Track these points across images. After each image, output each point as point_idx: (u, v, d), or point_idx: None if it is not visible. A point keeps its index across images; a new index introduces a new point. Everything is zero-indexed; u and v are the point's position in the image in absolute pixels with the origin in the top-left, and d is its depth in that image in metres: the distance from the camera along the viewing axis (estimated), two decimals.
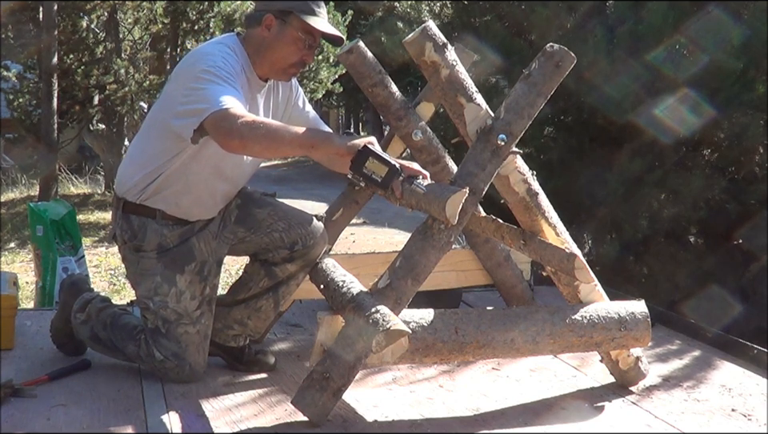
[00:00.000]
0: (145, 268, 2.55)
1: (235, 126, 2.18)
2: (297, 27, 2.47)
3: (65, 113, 11.32)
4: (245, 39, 2.52)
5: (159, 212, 2.53)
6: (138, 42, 12.07)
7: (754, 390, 2.60)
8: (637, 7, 4.15)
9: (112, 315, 2.65)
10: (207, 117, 2.22)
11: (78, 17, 11.15)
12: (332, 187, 4.71)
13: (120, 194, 2.58)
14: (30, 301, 5.03)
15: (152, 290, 2.53)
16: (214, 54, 2.39)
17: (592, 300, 2.48)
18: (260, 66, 2.52)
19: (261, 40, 2.49)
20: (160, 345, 2.53)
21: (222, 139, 2.23)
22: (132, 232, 2.55)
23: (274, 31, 2.48)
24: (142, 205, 2.54)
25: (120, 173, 2.63)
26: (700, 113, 3.87)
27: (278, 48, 2.48)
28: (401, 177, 2.18)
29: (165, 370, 2.53)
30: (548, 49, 2.22)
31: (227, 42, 2.49)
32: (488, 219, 2.66)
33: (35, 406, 2.33)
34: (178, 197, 2.53)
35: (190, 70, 2.39)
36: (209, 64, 2.34)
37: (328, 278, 2.37)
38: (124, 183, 2.57)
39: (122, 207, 2.57)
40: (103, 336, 2.64)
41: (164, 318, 2.53)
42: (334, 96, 17.26)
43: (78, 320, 2.69)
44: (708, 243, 4.44)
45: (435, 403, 2.45)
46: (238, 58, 2.45)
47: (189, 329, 2.54)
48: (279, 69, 2.53)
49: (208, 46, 2.52)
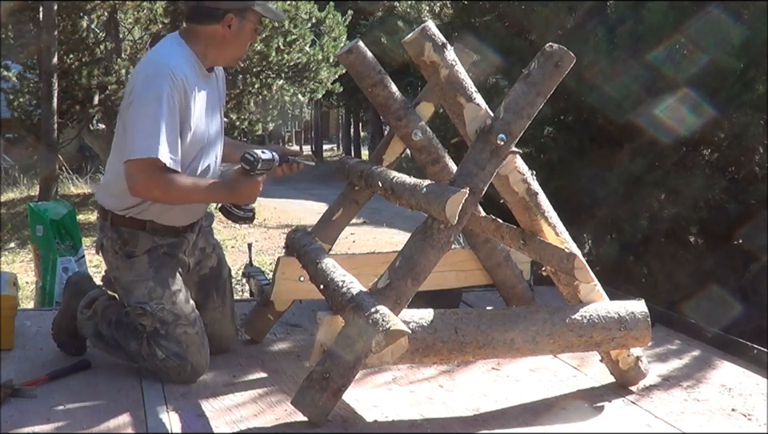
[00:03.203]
0: (138, 274, 2.59)
1: (155, 182, 2.44)
2: (254, 21, 2.63)
3: (65, 113, 11.31)
4: (189, 34, 2.61)
5: (149, 223, 2.61)
6: (138, 42, 12.06)
7: (754, 390, 2.60)
8: (637, 7, 4.14)
9: (117, 314, 2.67)
10: (132, 159, 2.43)
11: (78, 17, 11.14)
12: (332, 187, 4.72)
13: (107, 208, 2.64)
14: (30, 301, 5.04)
15: (146, 295, 2.57)
16: (160, 73, 2.48)
17: (592, 300, 2.48)
18: (212, 60, 2.64)
19: (218, 37, 2.58)
20: (161, 346, 2.54)
21: (135, 185, 2.45)
22: (122, 241, 2.61)
23: (234, 28, 2.59)
24: (131, 218, 2.61)
25: (104, 187, 2.71)
26: (700, 113, 3.86)
27: (237, 43, 2.63)
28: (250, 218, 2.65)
29: (167, 369, 2.54)
30: (547, 49, 2.22)
31: (172, 46, 2.59)
32: (488, 219, 2.66)
33: (35, 406, 2.33)
34: (166, 208, 2.61)
35: (135, 91, 2.50)
36: (152, 89, 2.45)
37: (328, 278, 2.37)
38: (109, 200, 2.65)
39: (110, 219, 2.63)
40: (107, 334, 2.65)
41: (162, 320, 2.55)
42: (334, 96, 17.28)
43: (84, 316, 2.71)
44: (708, 243, 4.43)
45: (435, 403, 2.45)
46: (187, 58, 2.56)
47: (188, 330, 2.56)
48: (233, 60, 2.73)
49: (152, 60, 2.63)
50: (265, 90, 11.71)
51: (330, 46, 11.72)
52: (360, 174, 2.77)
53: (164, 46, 2.63)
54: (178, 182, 2.47)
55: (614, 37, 4.17)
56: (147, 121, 2.42)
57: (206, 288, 2.82)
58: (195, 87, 2.56)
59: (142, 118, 2.44)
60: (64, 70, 10.84)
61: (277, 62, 11.11)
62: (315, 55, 11.62)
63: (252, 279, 3.79)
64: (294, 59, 11.44)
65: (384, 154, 2.91)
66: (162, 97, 2.43)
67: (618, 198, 4.12)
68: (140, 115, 2.45)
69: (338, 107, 26.57)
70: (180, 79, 2.48)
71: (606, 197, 4.13)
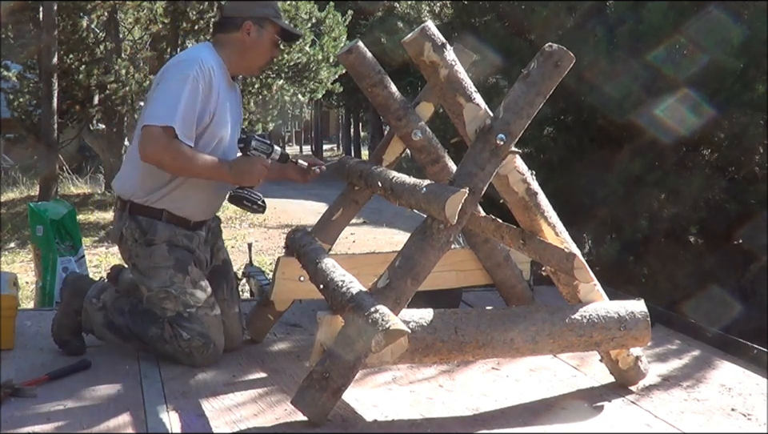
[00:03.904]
0: (158, 261, 2.71)
1: (164, 147, 2.56)
2: (272, 31, 2.80)
3: (65, 113, 11.32)
4: (217, 43, 2.80)
5: (165, 213, 2.72)
6: (138, 42, 12.06)
7: (754, 390, 2.60)
8: (637, 7, 4.14)
9: (130, 303, 2.77)
10: (149, 125, 2.57)
11: (78, 17, 11.14)
12: (332, 187, 4.72)
13: (125, 197, 2.75)
14: (30, 301, 5.04)
15: (168, 280, 2.69)
16: (190, 60, 2.68)
17: (591, 300, 2.48)
18: (235, 66, 2.81)
19: (239, 43, 2.77)
20: (185, 328, 2.66)
21: (146, 148, 2.56)
22: (141, 230, 2.72)
23: (253, 36, 2.77)
24: (149, 207, 2.72)
25: (123, 177, 2.81)
26: (700, 113, 3.86)
27: (256, 50, 2.80)
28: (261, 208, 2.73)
29: (190, 349, 2.66)
30: (547, 48, 2.22)
31: (203, 48, 2.79)
32: (487, 219, 2.66)
33: (35, 406, 2.33)
34: (184, 196, 2.72)
35: (164, 74, 2.69)
36: (180, 71, 2.63)
37: (328, 278, 2.37)
38: (129, 187, 2.75)
39: (128, 209, 2.73)
40: (120, 322, 2.74)
41: (185, 303, 2.68)
42: (334, 96, 17.28)
43: (93, 306, 2.77)
44: (708, 243, 4.43)
45: (435, 403, 2.45)
46: (214, 60, 2.72)
47: (208, 312, 2.70)
48: (255, 67, 2.90)
49: (185, 54, 2.86)
50: (265, 90, 11.72)
51: (330, 46, 11.73)
52: (360, 174, 2.77)
53: (195, 47, 2.89)
54: (186, 151, 2.60)
55: (613, 37, 4.17)
56: (170, 95, 2.59)
57: (218, 279, 2.90)
58: (220, 84, 2.71)
59: (165, 92, 2.62)
60: (64, 70, 10.85)
61: (277, 62, 11.12)
62: (315, 55, 11.63)
63: (252, 279, 3.79)
64: (293, 59, 11.45)
65: (384, 154, 2.91)
66: (188, 79, 2.60)
67: (617, 198, 4.12)
68: (164, 90, 2.63)
69: (338, 107, 26.55)
70: (207, 69, 2.65)
71: (605, 197, 4.13)
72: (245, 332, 2.96)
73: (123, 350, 2.79)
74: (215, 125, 2.70)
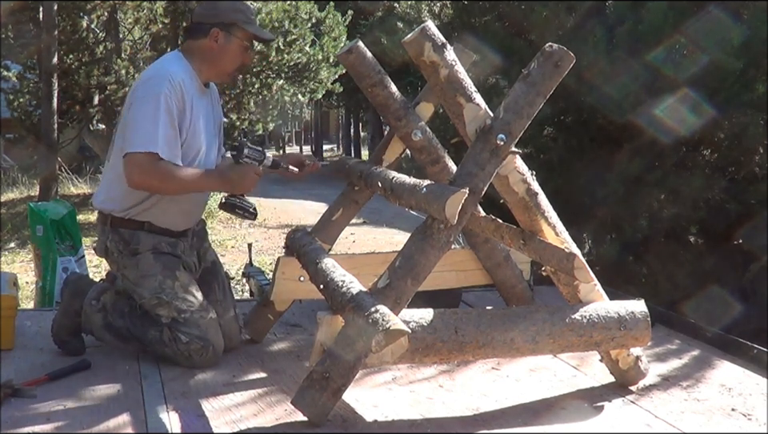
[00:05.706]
0: (145, 269, 2.69)
1: (151, 172, 2.54)
2: (242, 37, 2.76)
3: (65, 113, 11.31)
4: (186, 51, 2.76)
5: (147, 224, 2.72)
6: (138, 42, 12.05)
7: (754, 390, 2.60)
8: (637, 7, 4.14)
9: (129, 305, 2.76)
10: (131, 152, 2.54)
11: (78, 17, 11.14)
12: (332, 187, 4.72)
13: (106, 211, 2.74)
14: (30, 301, 5.03)
15: (157, 287, 2.68)
16: (159, 77, 2.62)
17: (592, 300, 2.48)
18: (206, 74, 2.78)
19: (208, 51, 2.74)
20: (182, 331, 2.65)
21: (133, 177, 2.55)
22: (125, 241, 2.72)
23: (221, 42, 2.73)
24: (130, 219, 2.71)
25: (103, 192, 2.79)
26: (700, 113, 3.86)
27: (225, 57, 2.76)
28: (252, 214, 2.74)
29: (189, 352, 2.65)
30: (547, 49, 2.22)
31: (172, 59, 2.76)
32: (487, 219, 2.66)
33: (35, 406, 2.33)
34: (165, 209, 2.71)
35: (135, 94, 2.65)
36: (151, 90, 2.59)
37: (328, 278, 2.37)
38: (110, 203, 2.74)
39: (109, 222, 2.73)
40: (119, 324, 2.73)
41: (178, 308, 2.67)
42: (334, 96, 17.28)
43: (93, 308, 2.77)
44: (708, 243, 4.43)
45: (435, 403, 2.45)
46: (184, 70, 2.69)
47: (204, 315, 2.69)
48: (225, 74, 2.82)
49: (153, 69, 2.77)
50: (265, 90, 11.71)
51: (330, 46, 11.72)
52: (360, 175, 2.77)
53: (163, 59, 2.83)
54: (174, 172, 2.59)
55: (613, 37, 4.17)
56: (146, 118, 2.56)
57: (209, 281, 2.89)
58: (192, 96, 2.68)
59: (141, 115, 2.58)
60: (64, 70, 10.84)
61: (277, 62, 11.12)
62: (315, 55, 11.62)
63: (252, 279, 3.79)
64: (293, 59, 11.44)
65: (384, 154, 2.91)
66: (160, 97, 2.56)
67: (617, 198, 4.12)
68: (139, 113, 2.59)
69: (338, 107, 26.56)
70: (177, 83, 2.61)
71: (605, 197, 4.13)
72: (243, 332, 2.96)
73: (123, 350, 2.79)
74: (191, 139, 2.68)
